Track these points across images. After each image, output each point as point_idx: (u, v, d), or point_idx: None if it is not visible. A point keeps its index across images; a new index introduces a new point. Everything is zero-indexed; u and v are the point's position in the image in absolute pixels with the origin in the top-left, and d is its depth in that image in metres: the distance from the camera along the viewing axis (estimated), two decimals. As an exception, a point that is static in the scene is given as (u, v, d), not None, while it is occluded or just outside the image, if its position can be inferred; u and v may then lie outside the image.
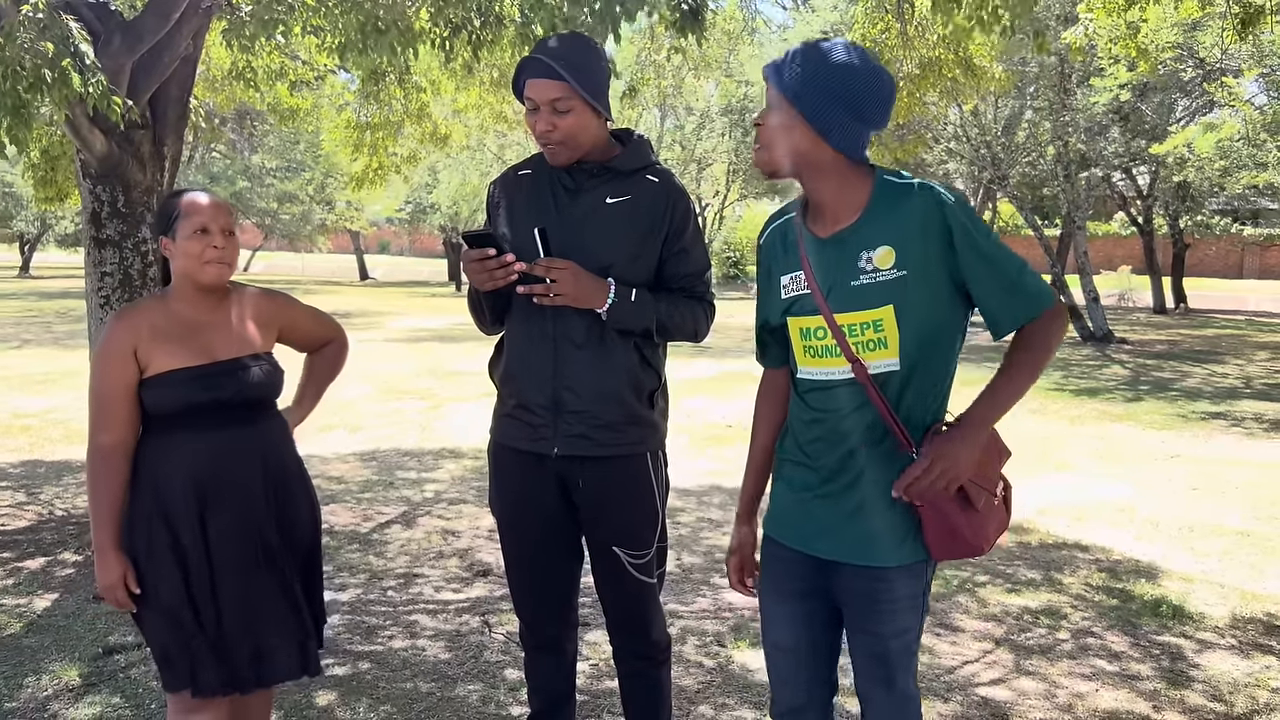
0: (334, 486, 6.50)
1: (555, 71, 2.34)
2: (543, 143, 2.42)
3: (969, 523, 1.95)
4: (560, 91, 2.35)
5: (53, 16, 3.84)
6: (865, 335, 1.94)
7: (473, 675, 3.67)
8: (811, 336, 2.01)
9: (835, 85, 1.89)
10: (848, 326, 1.95)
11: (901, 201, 1.93)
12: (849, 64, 1.91)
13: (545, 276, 2.31)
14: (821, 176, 1.97)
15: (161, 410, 2.36)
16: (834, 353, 1.98)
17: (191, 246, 2.37)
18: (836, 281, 1.96)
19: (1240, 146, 16.66)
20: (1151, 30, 6.78)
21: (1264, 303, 26.18)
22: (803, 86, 1.91)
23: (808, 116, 1.91)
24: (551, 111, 2.36)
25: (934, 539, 1.96)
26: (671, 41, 7.50)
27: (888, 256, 1.92)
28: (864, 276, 1.93)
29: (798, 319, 2.03)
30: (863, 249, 1.94)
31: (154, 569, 2.35)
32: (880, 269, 1.92)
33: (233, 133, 22.28)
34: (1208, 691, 3.60)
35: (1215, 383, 11.98)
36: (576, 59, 2.37)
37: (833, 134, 1.92)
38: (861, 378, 1.94)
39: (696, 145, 30.22)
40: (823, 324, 1.98)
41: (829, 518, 2.03)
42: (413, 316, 21.44)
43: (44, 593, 4.47)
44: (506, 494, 2.59)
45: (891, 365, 1.94)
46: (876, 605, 2.00)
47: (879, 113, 1.95)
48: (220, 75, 8.04)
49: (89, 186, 4.85)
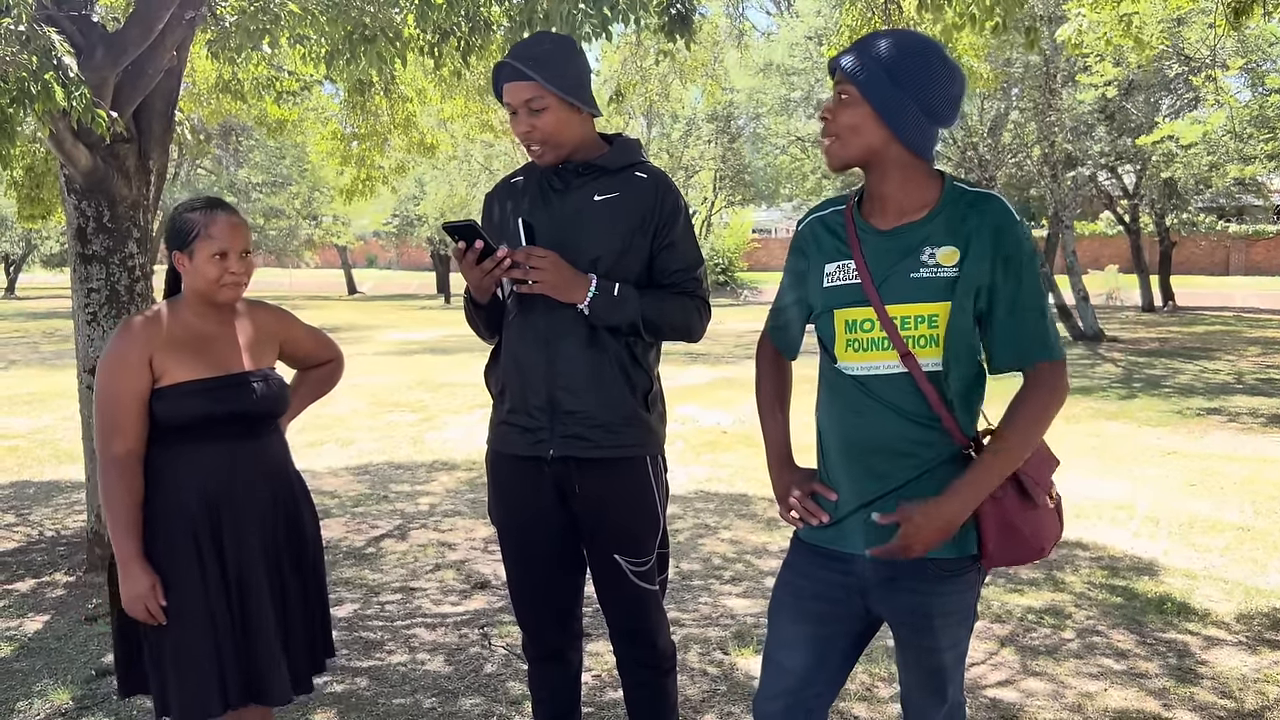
0: (327, 501, 6.43)
1: (523, 72, 2.34)
2: (525, 144, 2.42)
3: (1028, 521, 1.90)
4: (532, 91, 2.35)
5: (34, 29, 3.78)
6: (919, 330, 1.89)
7: (474, 689, 3.62)
8: (857, 329, 1.94)
9: (908, 79, 1.85)
10: (900, 319, 1.89)
11: (976, 209, 1.89)
12: (925, 59, 1.87)
13: (526, 263, 2.29)
14: (889, 170, 1.92)
15: (175, 421, 2.32)
16: (881, 345, 1.91)
17: (209, 270, 2.34)
18: (894, 273, 1.91)
19: (1227, 140, 16.73)
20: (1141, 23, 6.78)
21: (1251, 299, 26.31)
22: (867, 71, 1.86)
23: (879, 109, 1.86)
24: (528, 112, 2.37)
25: (993, 537, 1.90)
26: (659, 47, 7.47)
27: (952, 255, 1.88)
28: (924, 270, 1.88)
29: (844, 311, 1.96)
30: (926, 245, 1.90)
31: (180, 580, 2.30)
32: (943, 265, 1.88)
33: (218, 148, 22.23)
34: (1217, 688, 3.56)
35: (1208, 379, 12.00)
36: (545, 57, 2.37)
37: (903, 129, 1.87)
38: (913, 369, 1.89)
39: (683, 153, 30.27)
40: (871, 316, 1.91)
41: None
42: (402, 329, 21.37)
43: (35, 615, 4.40)
44: (506, 502, 2.55)
45: (936, 365, 1.89)
46: (930, 620, 1.96)
47: (949, 111, 1.91)
48: (205, 88, 7.99)
49: (74, 202, 4.79)
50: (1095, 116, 18.73)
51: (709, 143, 30.56)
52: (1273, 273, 32.03)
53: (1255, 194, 23.68)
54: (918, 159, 1.92)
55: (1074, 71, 16.16)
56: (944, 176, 1.96)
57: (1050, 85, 15.78)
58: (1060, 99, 16.31)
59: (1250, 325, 19.67)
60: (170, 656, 2.31)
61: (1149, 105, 19.26)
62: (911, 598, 1.96)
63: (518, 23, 4.95)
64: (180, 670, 2.31)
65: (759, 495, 6.40)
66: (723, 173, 30.83)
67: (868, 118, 1.87)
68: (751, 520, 5.90)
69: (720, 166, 30.67)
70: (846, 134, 1.90)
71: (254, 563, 2.37)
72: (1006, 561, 1.95)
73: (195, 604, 2.30)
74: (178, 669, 2.31)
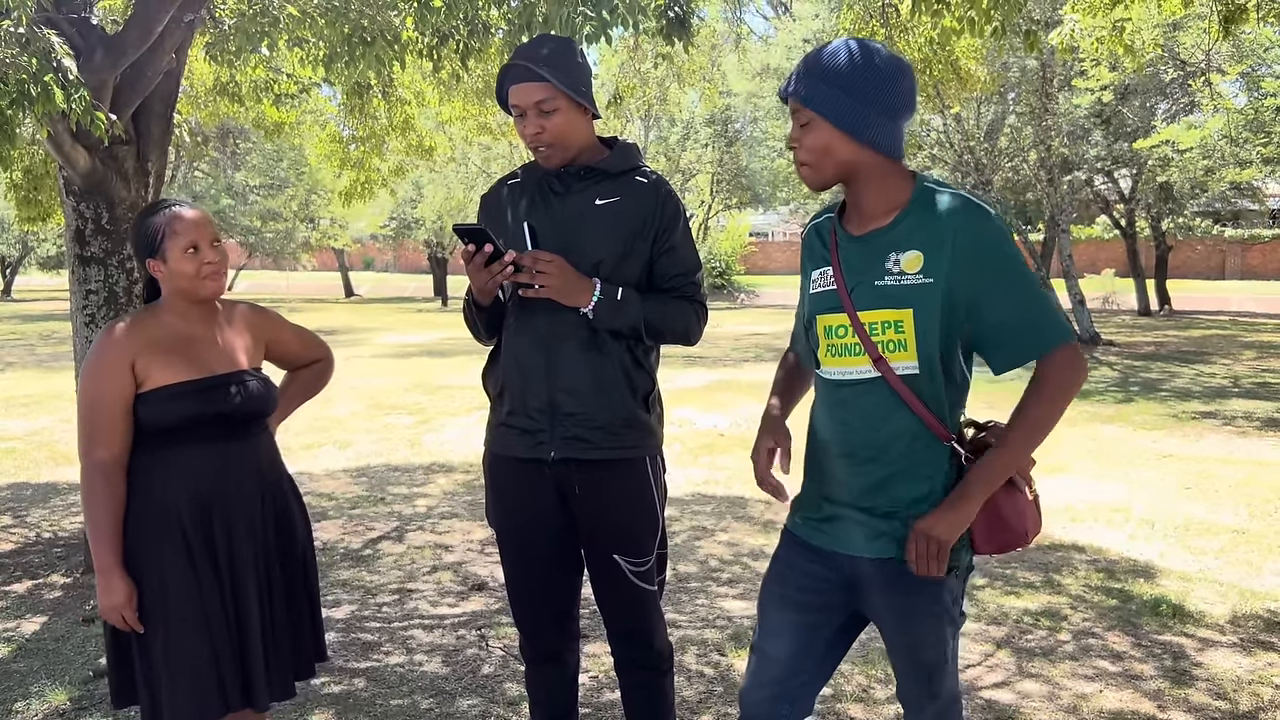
0: (324, 503, 6.43)
1: (536, 73, 2.34)
2: (534, 146, 2.41)
3: (1014, 508, 1.95)
4: (544, 92, 2.35)
5: (34, 31, 3.79)
6: (886, 335, 1.91)
7: (471, 690, 3.62)
8: (834, 335, 1.99)
9: (860, 88, 1.87)
10: (869, 325, 1.92)
11: (940, 209, 1.90)
12: (869, 63, 1.88)
13: (532, 267, 2.30)
14: (862, 178, 1.95)
15: (160, 424, 2.30)
16: (855, 351, 1.95)
17: (186, 266, 2.33)
18: (862, 279, 1.94)
19: (1223, 145, 16.77)
20: (1134, 29, 6.80)
21: (1247, 303, 26.35)
22: (820, 93, 1.89)
23: (842, 126, 1.89)
24: (538, 114, 2.36)
25: (980, 524, 1.93)
26: (657, 50, 7.49)
27: (916, 261, 1.89)
28: (889, 277, 1.91)
29: (824, 317, 2.00)
30: (892, 250, 1.92)
31: (174, 584, 2.28)
32: (906, 272, 1.90)
33: (216, 150, 22.22)
34: (1212, 690, 3.57)
35: (1204, 382, 12.02)
36: (556, 59, 2.37)
37: (872, 137, 1.89)
38: (886, 374, 1.91)
39: (681, 156, 30.29)
40: (845, 322, 1.95)
41: (865, 516, 1.98)
42: (400, 332, 21.36)
43: (32, 616, 4.40)
44: (504, 504, 2.56)
45: (911, 368, 1.91)
46: (917, 614, 1.99)
47: (908, 103, 1.93)
48: (204, 91, 7.99)
49: (72, 204, 4.80)
50: (1091, 121, 18.78)
51: (706, 146, 30.58)
52: (1268, 277, 32.10)
53: (1251, 198, 23.74)
54: (890, 160, 1.94)
55: (1070, 76, 16.22)
56: (915, 177, 1.97)
57: (1046, 89, 15.81)
58: (1056, 103, 16.36)
59: (1246, 329, 19.70)
60: (163, 661, 2.27)
61: (1145, 110, 19.30)
62: (893, 598, 1.99)
63: (516, 26, 4.96)
64: (174, 674, 2.27)
65: (756, 498, 6.41)
66: (720, 176, 30.86)
67: (834, 136, 1.90)
68: (748, 523, 5.91)
69: (718, 170, 30.70)
70: (819, 157, 1.93)
71: (245, 564, 2.36)
72: (993, 549, 1.97)
73: (188, 607, 2.28)
74: (171, 673, 2.27)
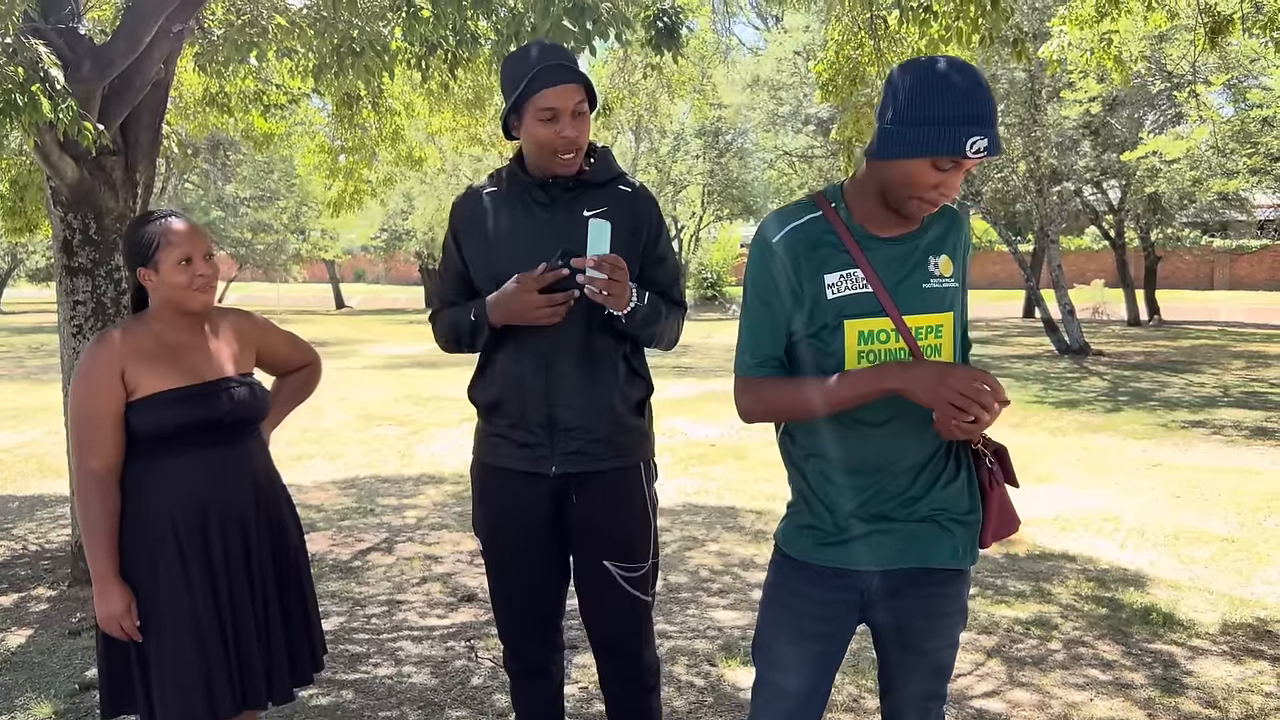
0: (314, 514, 6.41)
1: (579, 74, 2.29)
2: (564, 151, 2.32)
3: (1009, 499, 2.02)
4: (582, 94, 2.31)
5: (21, 41, 3.78)
6: (929, 340, 1.90)
7: (459, 701, 3.60)
8: (874, 340, 1.88)
9: None
10: (915, 329, 1.89)
11: (945, 214, 1.96)
12: None
13: (611, 273, 2.22)
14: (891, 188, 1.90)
15: (152, 432, 2.30)
16: (899, 356, 1.88)
17: (178, 278, 2.33)
18: (905, 282, 1.89)
19: (1210, 156, 16.86)
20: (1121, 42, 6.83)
21: (1235, 313, 26.45)
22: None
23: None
24: (573, 116, 2.30)
25: (994, 518, 1.98)
26: (647, 61, 7.50)
27: (948, 265, 1.94)
28: (934, 280, 1.92)
29: (857, 321, 1.87)
30: (930, 253, 1.93)
31: (169, 593, 2.28)
32: (944, 276, 1.93)
33: (205, 162, 22.18)
34: (1202, 698, 3.57)
35: (1193, 392, 12.06)
36: (575, 63, 2.36)
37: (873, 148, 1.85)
38: None
39: (672, 167, 30.32)
40: (888, 326, 1.87)
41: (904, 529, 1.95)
42: (390, 343, 21.31)
43: (18, 629, 4.37)
44: (492, 514, 2.54)
45: None
46: (940, 619, 2.02)
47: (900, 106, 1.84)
48: (193, 102, 7.97)
49: (60, 214, 4.78)
50: (1080, 132, 18.85)
51: (697, 157, 30.62)
52: (1256, 287, 32.25)
53: (1239, 209, 23.82)
54: None
55: (1059, 87, 16.28)
56: None
57: (1035, 101, 15.87)
58: (1045, 114, 16.41)
59: (1235, 339, 19.77)
60: (156, 667, 2.29)
61: (1133, 121, 19.39)
62: (919, 602, 2.00)
63: (504, 36, 4.96)
64: (166, 680, 2.28)
65: (747, 508, 6.40)
66: (711, 187, 30.88)
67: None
68: (739, 533, 5.89)
69: (709, 181, 30.72)
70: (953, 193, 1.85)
71: (239, 569, 2.36)
72: (999, 537, 2.03)
73: (182, 613, 2.29)
74: (163, 679, 2.28)
